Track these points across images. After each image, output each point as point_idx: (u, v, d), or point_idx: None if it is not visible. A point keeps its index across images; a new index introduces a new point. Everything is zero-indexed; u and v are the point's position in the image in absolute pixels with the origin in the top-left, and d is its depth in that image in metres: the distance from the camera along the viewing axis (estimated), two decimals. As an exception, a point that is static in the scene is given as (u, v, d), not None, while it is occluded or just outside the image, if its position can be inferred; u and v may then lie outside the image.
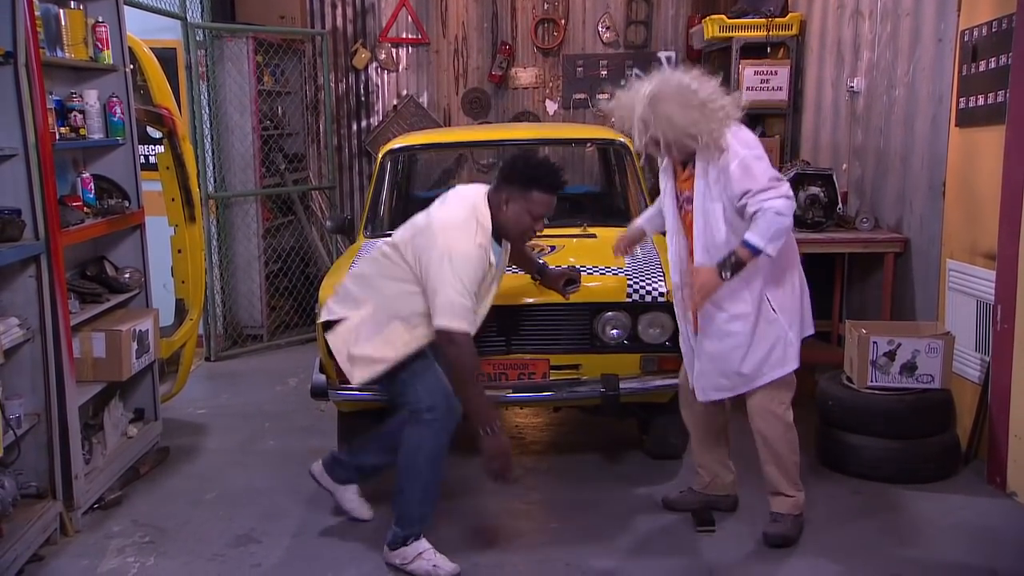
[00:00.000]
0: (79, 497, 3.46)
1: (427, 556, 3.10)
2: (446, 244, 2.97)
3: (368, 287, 3.21)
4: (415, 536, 3.12)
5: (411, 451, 3.08)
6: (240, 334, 6.28)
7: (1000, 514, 3.53)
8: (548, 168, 3.14)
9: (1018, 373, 3.60)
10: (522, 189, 3.07)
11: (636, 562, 3.18)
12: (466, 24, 7.29)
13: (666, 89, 2.98)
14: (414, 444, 3.08)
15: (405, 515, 3.12)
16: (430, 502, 3.13)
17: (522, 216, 3.10)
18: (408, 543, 3.11)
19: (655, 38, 7.29)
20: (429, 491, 3.10)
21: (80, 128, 3.70)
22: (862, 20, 5.16)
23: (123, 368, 3.77)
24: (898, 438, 3.81)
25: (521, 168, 3.12)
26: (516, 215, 3.10)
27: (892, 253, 4.60)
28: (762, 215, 2.91)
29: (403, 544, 3.12)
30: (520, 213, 3.10)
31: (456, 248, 2.97)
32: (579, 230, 4.41)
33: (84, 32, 3.72)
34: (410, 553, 3.11)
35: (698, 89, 2.98)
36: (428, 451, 3.06)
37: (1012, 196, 3.59)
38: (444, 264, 2.94)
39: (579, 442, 4.41)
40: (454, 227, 3.02)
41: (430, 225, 3.07)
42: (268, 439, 4.55)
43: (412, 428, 3.09)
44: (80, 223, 3.64)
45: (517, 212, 3.09)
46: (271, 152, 6.42)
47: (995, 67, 3.76)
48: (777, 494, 3.32)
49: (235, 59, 6.09)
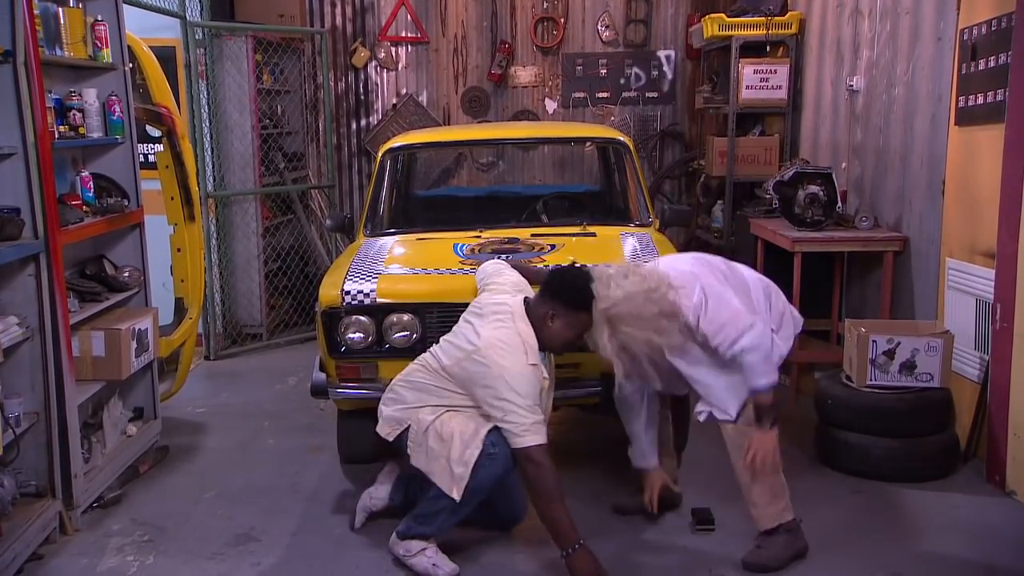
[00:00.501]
0: (78, 496, 3.46)
1: (429, 554, 3.13)
2: (500, 369, 2.97)
3: (423, 393, 3.17)
4: (424, 536, 3.15)
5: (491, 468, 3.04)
6: (239, 333, 6.28)
7: (999, 512, 3.54)
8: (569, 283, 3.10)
9: (1017, 372, 3.60)
10: (569, 308, 3.06)
11: (636, 561, 3.18)
12: (465, 23, 7.29)
13: (624, 310, 2.92)
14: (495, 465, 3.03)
15: (427, 515, 3.14)
16: (452, 522, 3.14)
17: (568, 333, 3.09)
18: (416, 539, 3.16)
19: (654, 37, 7.29)
20: (457, 514, 3.11)
21: (79, 127, 3.70)
22: (861, 19, 5.16)
23: (122, 367, 3.77)
24: (897, 437, 3.81)
25: (569, 288, 3.08)
26: (562, 332, 3.09)
27: (891, 252, 4.60)
28: (742, 360, 2.96)
29: (411, 538, 3.16)
30: (566, 330, 3.09)
31: (512, 371, 2.97)
32: (579, 229, 4.41)
33: (83, 31, 3.72)
34: (414, 547, 3.15)
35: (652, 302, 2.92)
36: (477, 479, 3.01)
37: (1011, 195, 3.59)
38: (503, 388, 2.95)
39: (578, 441, 4.41)
40: (504, 352, 3.00)
41: (479, 350, 3.03)
42: (268, 438, 4.55)
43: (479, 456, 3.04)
44: (79, 222, 3.64)
45: (563, 329, 3.09)
46: (270, 151, 6.41)
47: (994, 66, 3.76)
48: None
49: (234, 58, 6.09)
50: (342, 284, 3.67)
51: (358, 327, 3.63)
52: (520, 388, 2.96)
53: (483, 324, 3.09)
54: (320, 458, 4.22)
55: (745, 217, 5.61)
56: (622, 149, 4.91)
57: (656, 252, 4.04)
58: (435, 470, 3.08)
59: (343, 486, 3.87)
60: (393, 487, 3.46)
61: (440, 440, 3.06)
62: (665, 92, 7.34)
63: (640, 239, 4.30)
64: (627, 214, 4.80)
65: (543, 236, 4.31)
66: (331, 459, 4.16)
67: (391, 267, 3.89)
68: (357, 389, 3.71)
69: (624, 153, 4.88)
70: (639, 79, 7.32)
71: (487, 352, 3.00)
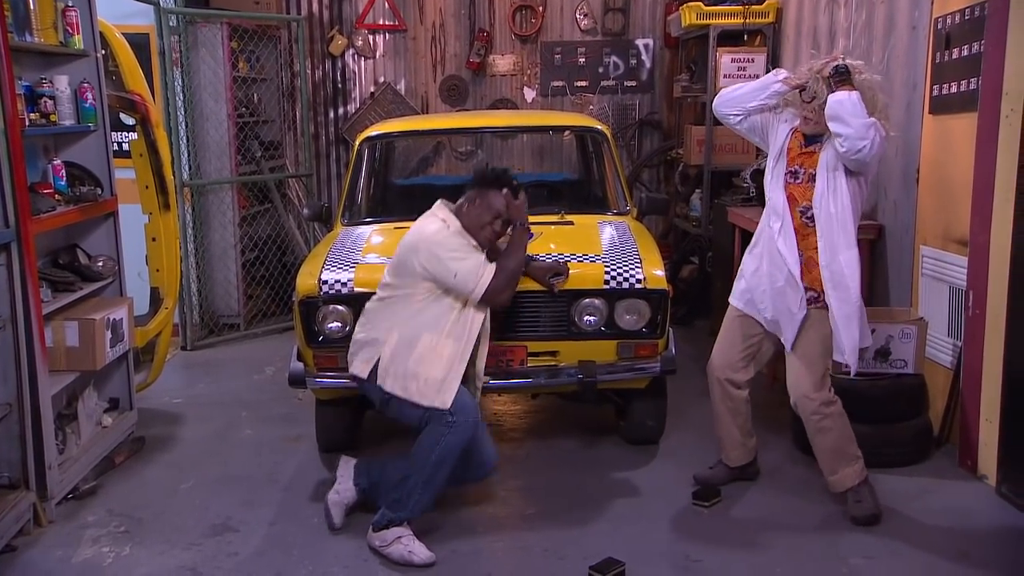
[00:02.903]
0: (52, 487, 3.43)
1: (405, 541, 3.16)
2: (426, 237, 3.24)
3: (381, 324, 3.27)
4: (399, 522, 3.18)
5: (426, 447, 3.15)
6: (217, 323, 6.23)
7: (971, 496, 3.59)
8: (497, 170, 3.45)
9: (989, 358, 3.64)
10: (483, 187, 3.36)
11: (613, 547, 3.19)
12: (443, 11, 7.25)
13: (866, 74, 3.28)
14: (431, 441, 3.15)
15: (399, 501, 3.19)
16: (427, 500, 3.20)
17: (481, 214, 3.30)
18: (390, 527, 3.18)
19: (633, 25, 7.29)
20: (428, 488, 3.17)
21: (50, 114, 3.65)
22: (837, 7, 5.18)
23: (96, 357, 3.73)
24: (873, 423, 3.83)
25: (484, 172, 3.46)
26: (480, 212, 3.31)
27: (867, 240, 4.63)
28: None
29: (386, 527, 3.19)
30: (484, 210, 3.31)
31: (438, 234, 3.25)
32: (557, 217, 4.41)
33: (54, 16, 3.67)
34: (389, 536, 3.18)
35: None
36: (441, 451, 3.13)
37: (984, 183, 3.63)
38: (435, 253, 3.19)
39: (557, 428, 4.43)
40: (425, 224, 3.31)
41: (405, 239, 3.30)
42: (245, 428, 4.53)
43: (432, 427, 3.16)
44: (51, 211, 3.59)
45: (481, 209, 3.32)
46: (247, 139, 6.36)
47: (968, 55, 3.79)
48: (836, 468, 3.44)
49: (209, 45, 6.03)
50: (319, 273, 3.66)
51: (336, 316, 3.62)
52: (450, 243, 3.22)
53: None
54: (298, 448, 4.20)
55: (723, 206, 5.63)
56: (600, 138, 4.92)
57: (634, 240, 4.06)
58: (413, 390, 3.15)
59: (321, 475, 3.86)
60: (355, 475, 3.46)
61: (410, 354, 3.17)
62: (643, 81, 7.35)
63: (618, 227, 4.31)
64: (605, 202, 4.81)
65: (521, 224, 4.31)
66: (309, 449, 4.15)
67: (369, 256, 3.88)
68: (335, 378, 3.71)
69: (602, 142, 4.89)
70: (617, 68, 7.32)
71: (411, 235, 3.29)
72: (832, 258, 3.29)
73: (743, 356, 3.58)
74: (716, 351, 3.65)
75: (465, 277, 3.18)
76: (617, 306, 3.71)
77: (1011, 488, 3.53)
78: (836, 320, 3.31)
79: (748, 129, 3.50)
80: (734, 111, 3.46)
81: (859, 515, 3.38)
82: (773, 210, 3.41)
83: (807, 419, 3.44)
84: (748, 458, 3.72)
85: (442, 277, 3.19)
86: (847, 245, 3.28)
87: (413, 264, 3.21)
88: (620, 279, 3.69)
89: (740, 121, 3.47)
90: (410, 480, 3.16)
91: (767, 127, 3.47)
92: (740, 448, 3.69)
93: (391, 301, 3.28)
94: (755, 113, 3.46)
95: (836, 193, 3.28)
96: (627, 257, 3.83)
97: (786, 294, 3.38)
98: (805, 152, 3.37)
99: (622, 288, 3.69)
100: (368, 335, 3.30)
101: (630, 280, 3.69)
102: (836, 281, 3.29)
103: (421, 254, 3.20)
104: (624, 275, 3.70)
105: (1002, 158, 3.52)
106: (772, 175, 3.44)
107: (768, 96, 3.41)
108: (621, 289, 3.69)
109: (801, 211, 3.35)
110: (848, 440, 3.44)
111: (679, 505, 3.55)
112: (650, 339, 3.74)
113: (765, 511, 3.51)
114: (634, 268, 3.73)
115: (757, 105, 3.43)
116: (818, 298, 3.36)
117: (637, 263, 3.77)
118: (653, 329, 3.72)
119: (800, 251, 3.35)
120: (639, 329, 3.72)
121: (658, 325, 3.72)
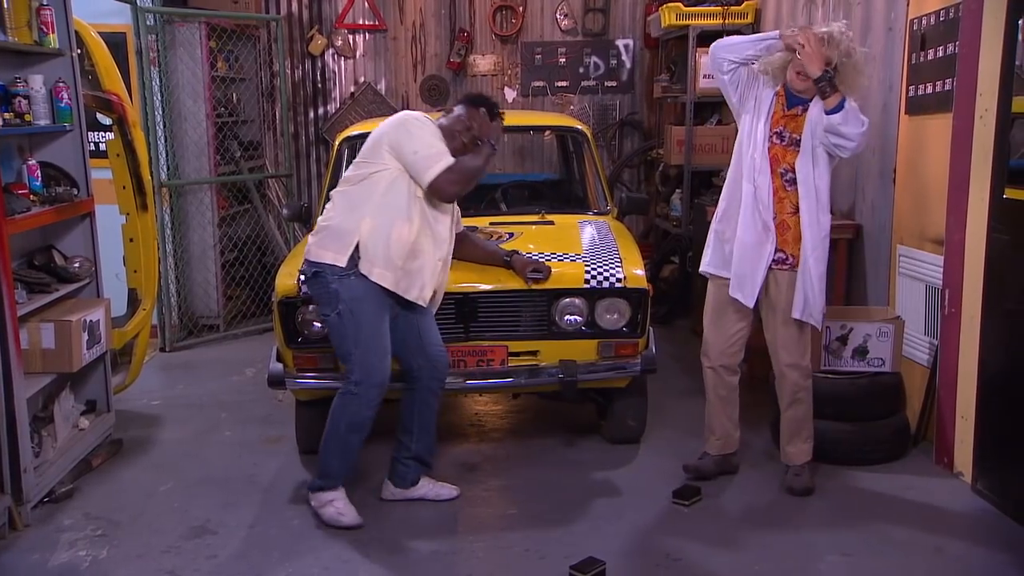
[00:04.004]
0: (28, 491, 3.39)
1: (336, 504, 3.39)
2: (402, 119, 3.38)
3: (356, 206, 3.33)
4: (330, 487, 3.41)
5: (336, 415, 3.37)
6: (196, 324, 6.19)
7: (947, 494, 3.62)
8: (484, 95, 3.62)
9: (964, 356, 3.68)
10: (469, 105, 3.51)
11: (594, 546, 3.20)
12: (424, 10, 7.24)
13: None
14: (339, 409, 3.36)
15: (323, 468, 3.44)
16: (346, 463, 3.43)
17: (455, 123, 3.43)
18: (324, 491, 3.41)
19: (613, 26, 7.30)
20: (346, 453, 3.40)
21: (25, 114, 3.61)
22: (815, 8, 5.22)
23: (73, 359, 3.70)
24: (850, 421, 3.87)
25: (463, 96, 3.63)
26: (452, 121, 3.45)
27: (845, 239, 4.67)
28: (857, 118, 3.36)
29: (319, 490, 3.43)
30: (455, 120, 3.44)
31: (412, 119, 3.38)
32: (537, 217, 4.42)
33: (28, 15, 3.63)
34: (323, 499, 3.42)
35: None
36: (349, 418, 3.35)
37: (959, 183, 3.66)
38: (403, 133, 3.31)
39: (538, 428, 4.43)
40: (399, 114, 3.45)
41: (381, 125, 3.42)
42: (224, 429, 4.50)
43: (342, 395, 3.36)
44: (26, 211, 3.56)
45: (453, 119, 3.46)
46: (226, 139, 6.32)
47: (943, 56, 3.82)
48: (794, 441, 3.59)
49: (187, 44, 5.98)
50: (299, 274, 3.64)
51: (315, 317, 3.61)
52: (423, 129, 3.33)
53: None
54: (278, 449, 4.18)
55: (703, 206, 5.65)
56: (580, 138, 4.93)
57: (614, 240, 4.07)
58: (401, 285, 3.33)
59: (301, 477, 3.84)
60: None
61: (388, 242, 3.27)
62: (624, 81, 7.37)
63: (598, 227, 4.33)
64: (585, 202, 4.82)
65: (501, 224, 4.32)
66: (289, 450, 4.13)
67: (348, 256, 3.86)
68: (315, 379, 3.70)
69: (582, 142, 4.90)
70: (598, 68, 7.34)
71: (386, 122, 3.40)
72: (814, 219, 3.41)
73: (734, 339, 3.64)
74: (708, 337, 3.69)
75: (424, 157, 3.26)
76: (598, 305, 3.72)
77: (986, 485, 3.57)
78: (812, 281, 3.43)
79: (733, 81, 3.56)
80: (731, 56, 3.53)
81: (796, 487, 3.57)
82: (750, 171, 3.48)
83: (790, 388, 3.58)
84: (733, 448, 3.78)
85: (403, 151, 3.27)
86: (824, 209, 3.44)
87: (382, 142, 3.31)
88: (600, 278, 3.70)
89: (734, 69, 3.54)
90: (326, 449, 3.39)
91: (750, 83, 3.54)
92: (727, 438, 3.74)
93: (357, 186, 3.34)
94: (746, 64, 3.54)
95: (817, 159, 3.42)
96: (607, 256, 3.84)
97: (757, 253, 3.48)
98: (788, 115, 3.47)
99: (602, 287, 3.70)
100: (337, 222, 3.34)
101: (610, 279, 3.70)
102: (816, 242, 3.42)
103: (391, 131, 3.32)
104: (604, 274, 3.71)
105: (976, 157, 3.56)
106: (750, 137, 3.50)
107: (763, 48, 3.50)
108: (601, 288, 3.70)
109: (782, 172, 3.45)
110: (810, 418, 3.63)
111: (660, 504, 3.56)
112: (631, 338, 3.75)
113: (744, 509, 3.53)
114: (614, 267, 3.74)
115: (752, 54, 3.51)
116: (786, 259, 3.46)
117: (617, 262, 3.78)
118: (634, 328, 3.74)
119: (775, 212, 3.46)
120: (620, 328, 3.74)
121: (638, 324, 3.74)
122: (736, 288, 3.53)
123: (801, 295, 3.46)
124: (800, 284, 3.46)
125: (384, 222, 3.27)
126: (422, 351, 3.47)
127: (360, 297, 3.28)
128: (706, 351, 3.70)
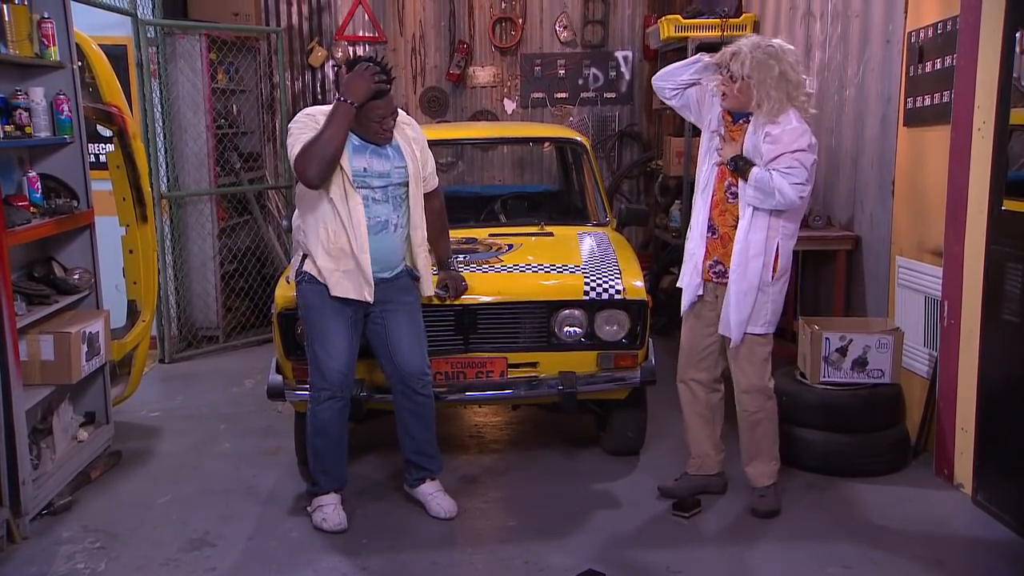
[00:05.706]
0: (27, 503, 3.38)
1: (325, 510, 3.47)
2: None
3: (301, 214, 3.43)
4: (318, 492, 3.51)
5: (307, 419, 3.49)
6: (195, 335, 6.19)
7: (947, 506, 3.61)
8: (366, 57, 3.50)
9: (964, 367, 3.68)
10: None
11: (593, 558, 3.19)
12: (423, 22, 7.26)
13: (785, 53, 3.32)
14: (307, 413, 3.49)
15: (310, 474, 3.58)
16: (319, 468, 3.50)
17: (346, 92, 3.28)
18: (314, 496, 3.53)
19: (612, 38, 7.33)
20: (317, 458, 3.49)
21: (26, 126, 3.62)
22: (813, 21, 5.24)
23: (72, 371, 3.70)
24: (850, 432, 3.87)
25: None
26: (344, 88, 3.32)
27: (844, 250, 4.68)
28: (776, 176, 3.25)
29: (309, 495, 3.57)
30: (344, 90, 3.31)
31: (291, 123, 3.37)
32: (536, 228, 4.42)
33: (29, 28, 3.64)
34: (314, 504, 3.52)
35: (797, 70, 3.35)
36: (310, 421, 3.46)
37: (957, 194, 3.67)
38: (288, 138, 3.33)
39: (537, 440, 4.42)
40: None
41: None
42: (224, 441, 4.49)
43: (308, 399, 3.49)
44: (27, 223, 3.56)
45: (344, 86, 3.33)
46: (226, 151, 6.33)
47: (940, 68, 3.84)
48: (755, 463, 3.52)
49: (188, 56, 6.00)
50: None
51: (314, 328, 3.60)
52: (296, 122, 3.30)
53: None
54: (277, 461, 4.18)
55: (702, 217, 5.66)
56: (580, 149, 4.94)
57: (613, 251, 4.08)
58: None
59: (300, 489, 3.83)
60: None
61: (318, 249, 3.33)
62: (623, 92, 7.39)
63: (597, 238, 4.33)
64: (584, 213, 4.83)
65: (501, 236, 4.33)
66: (288, 462, 4.12)
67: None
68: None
69: (582, 153, 4.91)
70: (597, 79, 7.36)
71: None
72: (744, 236, 3.35)
73: (704, 353, 3.59)
74: (680, 351, 3.68)
75: (291, 155, 3.26)
76: (597, 317, 3.72)
77: (986, 496, 3.56)
78: (730, 294, 3.39)
79: (682, 105, 3.57)
80: (668, 84, 3.55)
81: (760, 508, 3.52)
82: (702, 185, 3.49)
83: (744, 411, 3.52)
84: (713, 470, 3.70)
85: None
86: (760, 228, 3.34)
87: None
88: (600, 290, 3.71)
89: (676, 95, 3.55)
90: (308, 452, 3.52)
91: (701, 103, 3.53)
92: (704, 459, 3.68)
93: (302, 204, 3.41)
94: (687, 87, 3.53)
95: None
96: (606, 268, 3.85)
97: (693, 260, 3.50)
98: (734, 128, 3.44)
99: (602, 299, 3.70)
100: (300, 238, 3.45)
101: (609, 291, 3.70)
102: (741, 258, 3.36)
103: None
104: (604, 286, 3.72)
105: (975, 169, 3.57)
106: (704, 152, 3.51)
107: (695, 72, 3.49)
108: (601, 300, 3.70)
109: (727, 186, 3.43)
110: (775, 441, 3.56)
111: (659, 516, 3.55)
112: (630, 350, 3.75)
113: (744, 521, 3.52)
114: (613, 279, 3.75)
115: (687, 79, 3.51)
116: (726, 272, 3.43)
117: (616, 274, 3.78)
118: (633, 340, 3.74)
119: (716, 224, 3.45)
120: (619, 340, 3.74)
121: (638, 336, 3.74)
122: (684, 297, 3.56)
123: (723, 310, 3.43)
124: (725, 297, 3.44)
125: (311, 229, 3.36)
126: (389, 358, 3.48)
127: (312, 304, 3.37)
128: (679, 365, 3.68)
